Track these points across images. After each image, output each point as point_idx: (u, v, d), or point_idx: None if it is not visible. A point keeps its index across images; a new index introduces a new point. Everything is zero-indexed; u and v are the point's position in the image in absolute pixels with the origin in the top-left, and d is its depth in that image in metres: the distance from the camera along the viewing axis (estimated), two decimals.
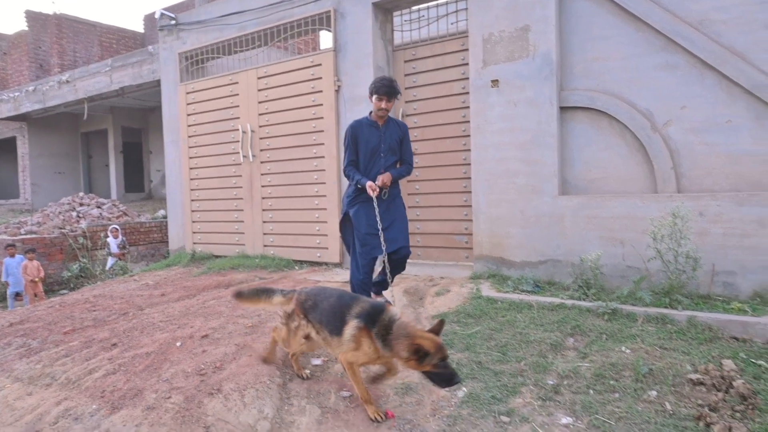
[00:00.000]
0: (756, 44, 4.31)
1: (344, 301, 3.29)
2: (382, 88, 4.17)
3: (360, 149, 4.34)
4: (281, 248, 7.37)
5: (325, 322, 3.27)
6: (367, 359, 3.12)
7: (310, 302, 3.38)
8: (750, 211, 4.18)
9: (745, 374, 3.13)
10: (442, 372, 2.84)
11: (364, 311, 3.13)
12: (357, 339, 3.08)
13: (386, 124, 4.36)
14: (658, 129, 4.70)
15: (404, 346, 2.87)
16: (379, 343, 3.00)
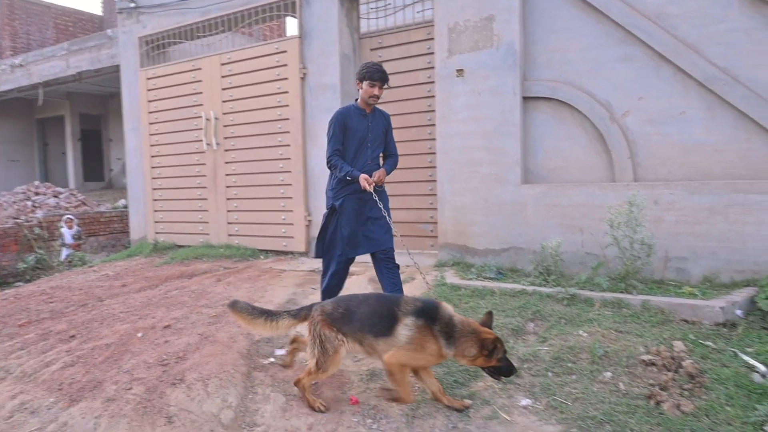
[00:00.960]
0: (708, 38, 4.46)
1: (389, 300, 3.10)
2: (377, 73, 3.89)
3: (347, 139, 4.00)
4: (246, 237, 7.30)
5: (368, 327, 2.99)
6: (426, 361, 2.96)
7: (341, 311, 3.07)
8: (701, 199, 4.36)
9: (693, 354, 3.27)
10: (504, 365, 2.92)
11: (418, 308, 2.96)
12: (416, 339, 2.89)
13: (373, 113, 4.08)
14: (616, 119, 4.84)
15: (473, 344, 2.86)
16: (443, 342, 2.88)
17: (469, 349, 2.86)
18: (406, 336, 2.90)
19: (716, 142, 4.48)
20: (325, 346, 2.98)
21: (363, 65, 3.97)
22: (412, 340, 2.89)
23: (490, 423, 2.86)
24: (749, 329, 3.61)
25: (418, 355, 2.90)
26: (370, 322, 2.99)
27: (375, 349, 3.00)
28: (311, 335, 3.05)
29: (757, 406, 2.75)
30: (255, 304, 4.67)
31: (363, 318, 3.02)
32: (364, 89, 3.94)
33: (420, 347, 2.89)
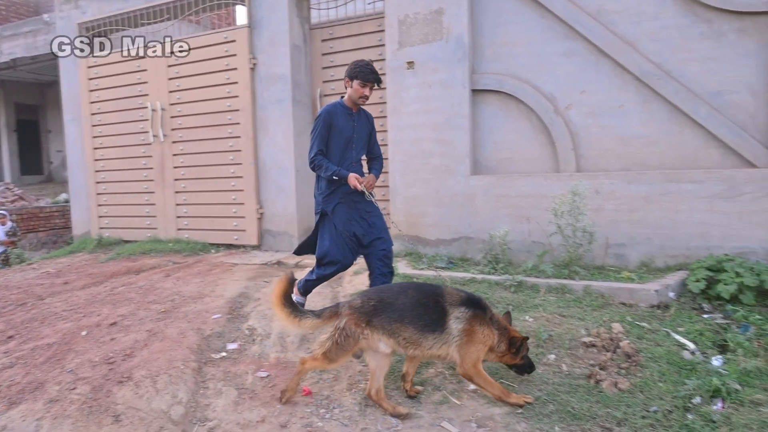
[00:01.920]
0: (645, 34, 4.68)
1: (434, 290, 2.96)
2: (370, 74, 3.68)
3: (333, 138, 3.78)
4: (196, 231, 7.14)
5: (410, 318, 2.83)
6: (483, 353, 2.86)
7: (372, 303, 2.89)
8: (638, 188, 4.59)
9: (630, 335, 3.46)
10: (527, 363, 2.98)
11: (466, 297, 2.90)
12: (470, 330, 2.80)
13: (358, 113, 3.88)
14: (560, 112, 5.01)
15: (503, 340, 2.88)
16: (496, 333, 2.86)
17: (501, 345, 2.87)
18: (460, 328, 2.81)
19: (652, 134, 4.71)
20: (343, 340, 2.84)
21: (355, 63, 3.75)
22: (466, 332, 2.81)
23: (441, 407, 2.94)
24: (681, 310, 3.85)
25: (478, 347, 2.82)
26: (414, 314, 2.84)
27: (418, 343, 2.84)
28: (333, 328, 2.90)
29: (686, 381, 2.95)
30: (204, 299, 4.66)
31: (404, 309, 2.86)
32: (354, 88, 3.73)
33: (475, 337, 2.82)
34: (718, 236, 4.36)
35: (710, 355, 3.27)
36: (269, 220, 6.62)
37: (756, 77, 4.38)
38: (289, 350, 3.74)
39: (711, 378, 2.89)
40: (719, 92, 4.48)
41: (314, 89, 6.64)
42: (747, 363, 3.06)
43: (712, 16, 4.46)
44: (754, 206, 4.25)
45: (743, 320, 3.62)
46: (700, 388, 2.87)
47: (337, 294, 4.69)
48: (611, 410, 2.76)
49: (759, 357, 3.17)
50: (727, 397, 2.79)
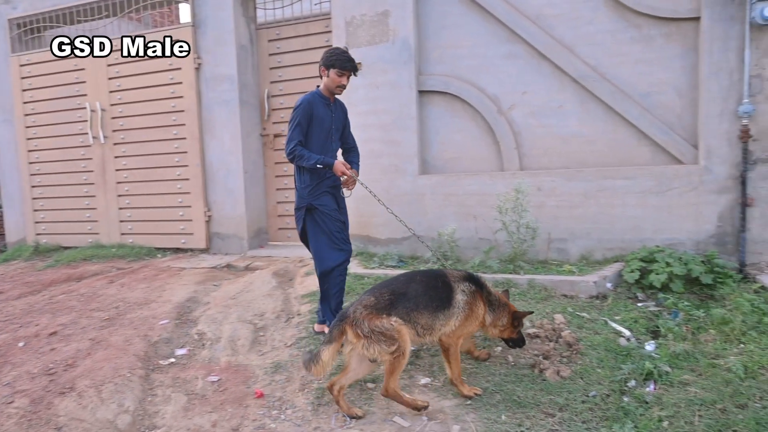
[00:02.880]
0: (581, 38, 4.91)
1: (438, 272, 3.11)
2: (348, 62, 3.60)
3: (313, 130, 3.65)
4: (141, 236, 6.93)
5: (424, 305, 2.89)
6: (475, 327, 3.06)
7: (387, 297, 2.85)
8: (577, 185, 4.81)
9: (571, 325, 3.64)
10: (520, 337, 3.21)
11: (467, 275, 3.08)
12: (470, 304, 2.98)
13: (335, 103, 3.82)
14: (503, 112, 5.18)
15: (505, 315, 3.09)
16: (489, 309, 3.05)
17: (502, 319, 3.07)
18: (462, 302, 2.95)
19: (589, 133, 4.95)
20: (387, 334, 2.73)
21: (331, 51, 3.64)
22: (468, 306, 2.96)
23: (392, 404, 2.99)
24: (617, 300, 4.07)
25: (469, 323, 2.98)
26: (428, 298, 2.91)
27: (432, 327, 2.90)
28: (362, 338, 2.73)
29: (622, 366, 3.13)
30: (151, 305, 4.55)
31: (419, 294, 2.90)
32: (330, 77, 3.64)
33: (471, 313, 2.98)
34: (650, 229, 4.64)
35: (644, 340, 3.49)
36: (218, 222, 6.51)
37: (682, 79, 4.68)
38: (240, 353, 3.71)
39: (644, 362, 3.08)
40: (649, 93, 4.75)
41: (262, 90, 6.58)
42: (676, 346, 3.27)
43: (641, 21, 4.73)
44: (682, 200, 4.55)
45: (673, 307, 3.87)
46: (634, 372, 3.06)
47: (289, 295, 4.67)
48: (554, 397, 2.89)
49: (687, 340, 3.40)
50: (659, 379, 2.98)
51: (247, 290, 4.81)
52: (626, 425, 2.56)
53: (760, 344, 3.19)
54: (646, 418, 2.65)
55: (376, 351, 2.74)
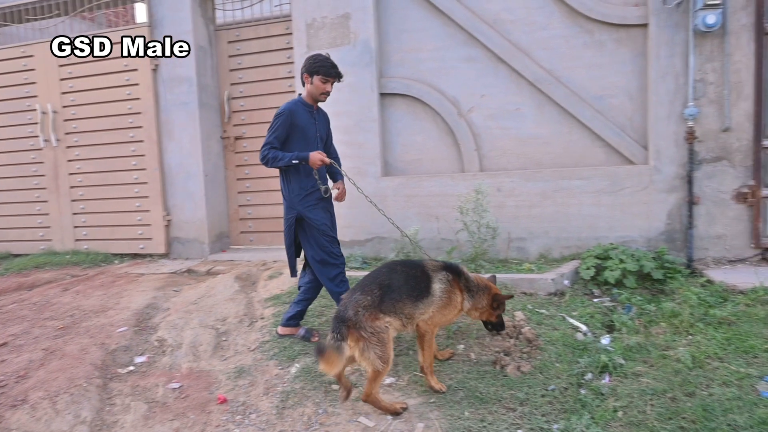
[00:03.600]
0: (536, 43, 5.05)
1: (417, 262, 3.13)
2: (332, 69, 3.54)
3: (295, 139, 3.56)
4: (97, 242, 6.73)
5: (407, 294, 2.92)
6: (453, 316, 3.11)
7: (377, 293, 2.88)
8: (535, 186, 4.94)
9: (531, 322, 3.73)
10: (499, 321, 3.29)
11: (445, 265, 3.11)
12: (448, 292, 3.02)
13: (318, 111, 3.74)
14: (463, 115, 5.27)
15: (485, 297, 3.14)
16: (466, 296, 3.09)
17: (481, 301, 3.12)
18: (440, 290, 3.00)
19: (545, 134, 5.09)
20: (381, 338, 2.78)
21: (314, 58, 3.55)
22: (446, 294, 3.01)
23: (357, 404, 3.01)
24: (574, 296, 4.21)
25: (447, 311, 3.03)
26: (409, 286, 2.95)
27: (412, 316, 2.95)
28: (362, 340, 2.75)
29: (579, 360, 3.23)
30: (108, 312, 4.43)
31: (402, 284, 2.94)
32: (314, 84, 3.57)
33: (449, 301, 3.03)
34: (605, 227, 4.81)
35: (599, 335, 3.61)
36: (178, 227, 6.38)
37: (632, 83, 4.87)
38: (202, 359, 3.65)
39: (600, 355, 3.19)
40: (602, 96, 4.93)
41: (222, 92, 6.49)
42: (630, 340, 3.41)
43: (593, 27, 4.90)
44: (634, 199, 4.74)
45: (627, 302, 4.02)
46: (591, 365, 3.16)
47: (252, 299, 4.63)
48: (515, 392, 2.97)
49: (639, 333, 3.54)
50: (614, 372, 3.10)
51: (209, 295, 4.74)
52: (583, 417, 2.65)
53: (707, 335, 3.35)
54: (602, 409, 2.75)
55: (369, 356, 2.75)
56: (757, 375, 2.89)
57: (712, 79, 4.53)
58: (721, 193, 4.60)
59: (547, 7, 5.00)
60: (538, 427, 2.64)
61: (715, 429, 2.47)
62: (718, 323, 3.48)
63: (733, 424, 2.49)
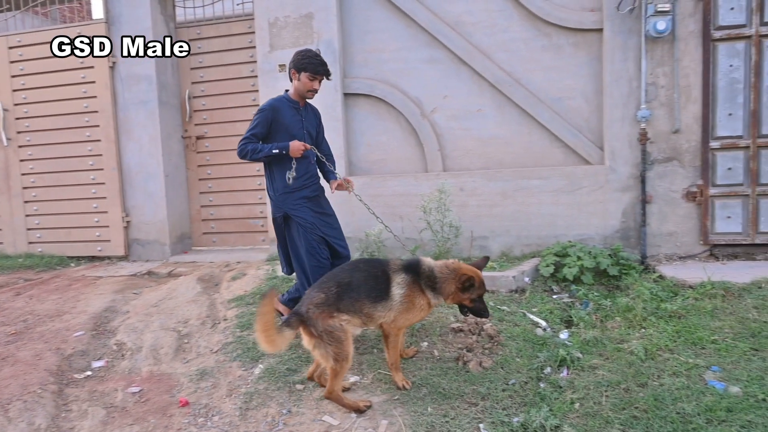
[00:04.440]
0: (497, 45, 5.16)
1: (378, 262, 3.08)
2: (320, 66, 3.47)
3: (278, 134, 3.51)
4: (52, 244, 6.50)
5: (365, 294, 2.89)
6: (417, 317, 3.03)
7: (334, 291, 2.87)
8: (496, 185, 5.05)
9: (493, 319, 3.81)
10: (477, 306, 3.03)
11: (404, 265, 3.00)
12: (409, 296, 2.93)
13: (305, 108, 3.68)
14: (426, 115, 5.34)
15: (452, 281, 2.95)
16: (430, 293, 2.97)
17: (449, 287, 2.96)
18: (400, 294, 2.92)
19: (506, 135, 5.21)
20: (335, 335, 2.79)
21: (302, 54, 3.50)
22: (406, 299, 2.92)
23: (322, 403, 3.01)
24: (534, 293, 4.32)
25: (412, 314, 2.97)
26: (368, 286, 2.91)
27: (372, 316, 2.92)
28: (314, 338, 2.79)
29: (538, 354, 3.32)
30: (64, 316, 4.30)
31: (361, 284, 2.91)
32: (301, 81, 3.50)
33: (411, 305, 2.94)
34: (563, 225, 4.95)
35: (558, 330, 3.72)
36: (137, 228, 6.24)
37: (588, 85, 5.03)
38: (163, 362, 3.59)
39: (558, 350, 3.29)
40: (560, 98, 5.07)
41: (183, 90, 6.38)
42: (587, 334, 3.52)
43: (551, 31, 5.04)
44: (590, 198, 4.89)
45: (584, 297, 4.16)
46: (550, 359, 3.25)
47: (215, 301, 4.57)
48: (477, 387, 3.02)
49: (596, 328, 3.67)
50: (571, 365, 3.20)
51: (170, 297, 4.65)
52: (542, 409, 2.73)
53: (659, 328, 3.49)
54: (560, 401, 2.84)
55: (324, 353, 2.80)
56: (704, 365, 3.03)
57: (663, 82, 4.73)
58: (672, 192, 4.80)
59: (507, 10, 5.11)
60: (499, 420, 2.70)
61: (665, 417, 2.58)
62: (669, 317, 3.63)
63: (682, 412, 2.60)
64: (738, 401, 2.63)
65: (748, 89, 4.61)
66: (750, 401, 2.63)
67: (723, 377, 2.90)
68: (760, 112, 4.61)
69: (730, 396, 2.69)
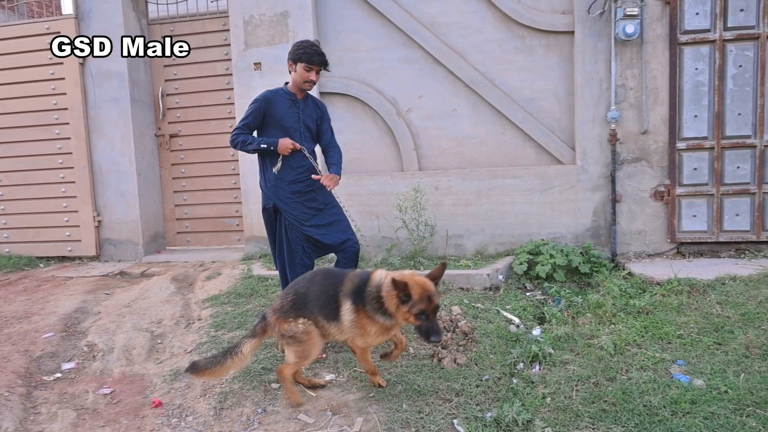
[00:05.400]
0: (471, 46, 5.22)
1: (335, 278, 2.87)
2: (316, 56, 3.41)
3: (270, 128, 3.49)
4: (19, 244, 6.35)
5: (318, 310, 2.80)
6: (378, 339, 2.85)
7: (290, 299, 2.84)
8: (471, 184, 5.11)
9: (467, 316, 3.86)
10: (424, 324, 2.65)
11: (354, 287, 2.77)
12: (359, 323, 2.75)
13: (305, 100, 3.59)
14: (402, 115, 5.37)
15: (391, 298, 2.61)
16: (380, 317, 2.70)
17: (390, 304, 2.64)
18: (350, 321, 2.78)
19: (480, 135, 5.27)
20: (295, 338, 2.78)
21: (299, 44, 3.44)
22: (356, 326, 2.77)
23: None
24: (508, 290, 4.38)
25: (369, 339, 2.80)
26: (320, 303, 2.81)
27: (328, 332, 2.84)
28: (280, 339, 2.87)
29: (511, 350, 3.38)
30: (32, 318, 4.21)
31: (314, 299, 2.82)
32: (298, 72, 3.44)
33: (364, 330, 2.77)
34: (536, 224, 5.04)
35: (531, 326, 3.79)
36: (109, 228, 6.13)
37: (560, 87, 5.13)
38: (136, 363, 3.54)
39: (531, 346, 3.34)
40: (532, 99, 5.16)
41: (156, 88, 6.29)
42: (558, 330, 3.59)
43: (524, 32, 5.12)
44: (562, 197, 4.99)
45: (556, 295, 4.24)
46: (522, 355, 3.31)
47: (189, 301, 4.52)
48: (451, 383, 3.06)
49: (568, 324, 3.74)
50: (543, 361, 3.26)
51: (143, 297, 4.59)
52: (515, 404, 2.78)
53: (627, 324, 3.58)
54: (532, 396, 2.89)
55: (289, 351, 2.85)
56: (670, 359, 3.13)
57: (632, 84, 4.85)
58: (641, 192, 4.92)
59: (481, 11, 5.17)
60: (473, 416, 2.74)
61: (632, 410, 2.65)
62: (638, 313, 3.73)
63: (648, 404, 2.68)
64: (702, 393, 2.72)
65: (713, 92, 4.76)
66: (713, 393, 2.72)
67: (688, 371, 2.99)
68: (724, 114, 4.77)
69: (695, 389, 2.78)
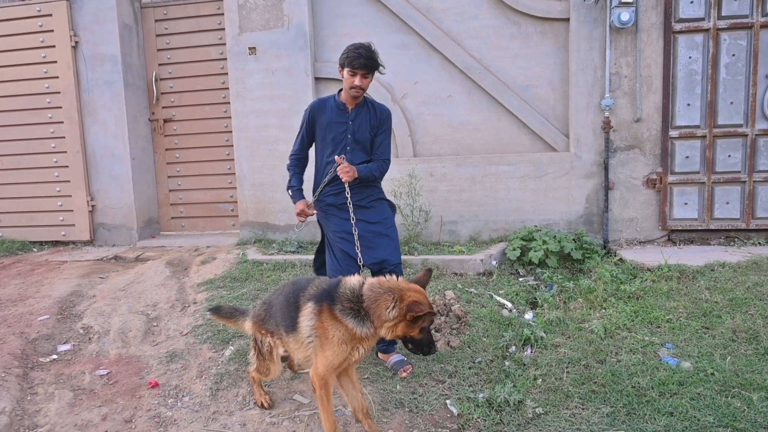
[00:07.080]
0: (467, 32, 5.21)
1: (299, 286, 2.53)
2: (357, 59, 2.99)
3: (318, 139, 3.23)
4: (13, 229, 6.32)
5: (281, 320, 2.51)
6: (342, 354, 2.30)
7: (264, 307, 2.69)
8: (465, 171, 5.13)
9: (460, 300, 3.91)
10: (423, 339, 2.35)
11: (320, 290, 2.41)
12: (320, 328, 2.31)
13: (358, 108, 3.20)
14: (397, 101, 5.37)
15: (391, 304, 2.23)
16: (351, 322, 2.27)
17: (387, 312, 2.24)
18: (308, 327, 2.35)
19: (475, 121, 5.29)
20: (261, 351, 2.66)
21: (346, 48, 3.09)
22: (316, 332, 2.33)
23: (293, 383, 3.06)
24: (501, 276, 4.44)
25: (330, 350, 2.29)
26: (282, 312, 2.52)
27: (290, 350, 2.55)
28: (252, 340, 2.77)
29: (504, 334, 3.43)
30: (27, 300, 4.22)
31: (277, 311, 2.56)
32: (344, 78, 3.09)
33: (325, 337, 2.30)
34: (530, 210, 5.08)
35: (523, 311, 3.85)
36: (103, 212, 6.11)
37: (555, 74, 5.14)
38: (132, 345, 3.57)
39: (523, 329, 3.40)
40: (527, 86, 5.17)
41: (149, 72, 6.24)
42: (550, 314, 3.65)
43: (520, 19, 5.12)
44: (556, 184, 5.03)
45: (549, 280, 4.30)
46: (515, 338, 3.37)
47: (184, 284, 4.54)
48: (444, 365, 3.12)
49: (559, 309, 3.80)
50: (535, 344, 3.32)
51: (138, 281, 4.60)
52: (507, 385, 2.83)
53: (618, 308, 3.64)
54: (524, 377, 2.95)
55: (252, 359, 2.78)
56: (659, 343, 3.19)
57: (626, 72, 4.87)
58: (633, 179, 4.97)
59: None
60: (465, 396, 2.80)
61: (621, 391, 2.72)
62: (628, 298, 3.79)
63: (637, 386, 2.74)
64: (689, 375, 2.79)
65: (706, 81, 4.79)
66: (700, 375, 2.79)
67: (676, 354, 3.06)
68: (717, 103, 4.81)
69: (682, 371, 2.84)
